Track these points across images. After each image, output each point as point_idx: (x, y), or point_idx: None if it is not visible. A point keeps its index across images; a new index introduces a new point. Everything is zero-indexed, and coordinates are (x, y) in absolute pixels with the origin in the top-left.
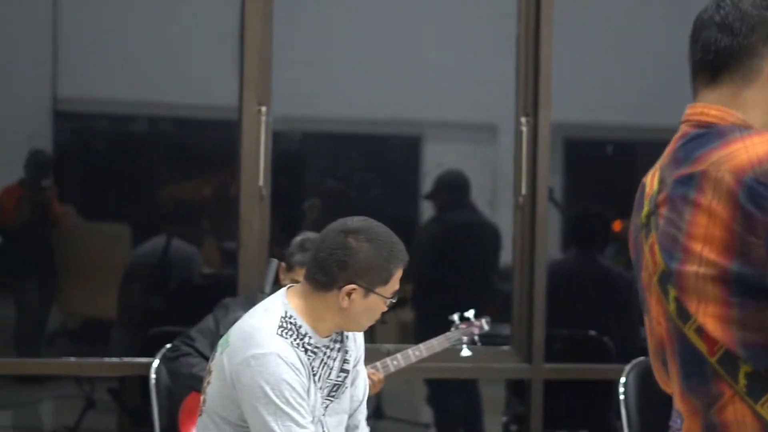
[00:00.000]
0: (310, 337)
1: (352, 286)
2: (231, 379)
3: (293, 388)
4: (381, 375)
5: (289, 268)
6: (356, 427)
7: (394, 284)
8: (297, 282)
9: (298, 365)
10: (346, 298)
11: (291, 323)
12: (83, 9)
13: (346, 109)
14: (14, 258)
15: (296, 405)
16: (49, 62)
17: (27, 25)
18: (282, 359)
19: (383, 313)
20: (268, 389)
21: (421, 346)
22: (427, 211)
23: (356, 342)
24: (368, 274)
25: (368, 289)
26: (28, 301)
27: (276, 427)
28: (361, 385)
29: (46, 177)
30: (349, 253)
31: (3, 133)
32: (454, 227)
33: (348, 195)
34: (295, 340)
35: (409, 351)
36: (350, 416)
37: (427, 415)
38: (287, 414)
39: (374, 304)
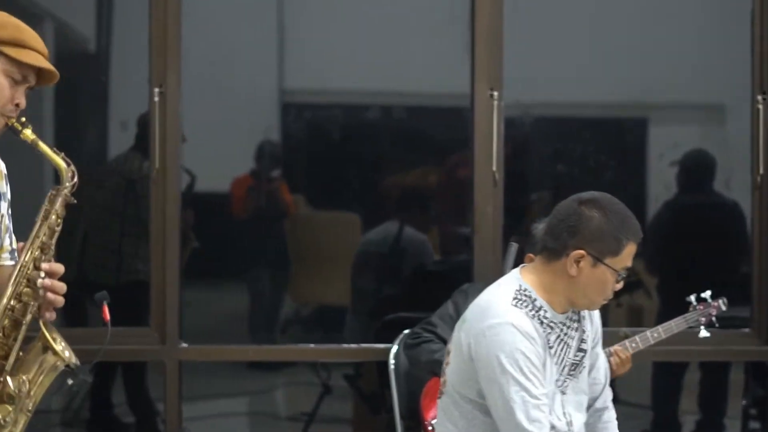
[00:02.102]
0: (545, 311)
1: (581, 252)
2: (468, 354)
3: (528, 358)
4: (629, 353)
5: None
6: (605, 408)
7: (625, 259)
8: None
9: (534, 334)
10: (575, 265)
11: (526, 295)
12: (306, 3)
13: (576, 93)
14: (246, 247)
15: (530, 375)
16: (275, 56)
17: (253, 20)
18: (516, 328)
19: (617, 295)
20: (503, 358)
21: (659, 328)
22: (659, 193)
23: (593, 323)
24: (598, 243)
25: (597, 259)
26: (261, 289)
27: (510, 396)
28: (602, 367)
29: (276, 168)
30: (580, 219)
31: (233, 126)
32: (690, 208)
33: (579, 179)
34: (530, 311)
35: (648, 333)
36: (596, 399)
37: (660, 398)
38: (520, 383)
39: (603, 276)
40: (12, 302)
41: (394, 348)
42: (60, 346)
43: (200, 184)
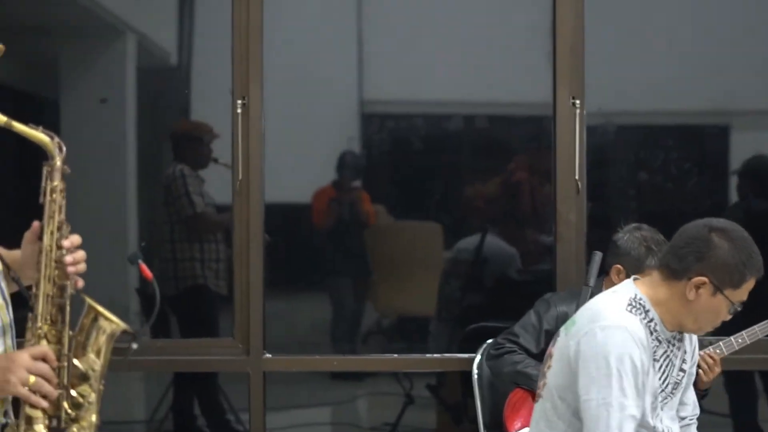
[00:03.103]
0: (656, 324)
1: (703, 279)
2: (574, 353)
3: (635, 365)
4: (717, 357)
5: (639, 272)
6: (684, 403)
7: (743, 293)
8: None
9: (644, 342)
10: (694, 290)
11: (640, 304)
12: (386, 14)
13: (658, 101)
14: (328, 258)
15: (633, 382)
16: (355, 66)
17: (333, 31)
18: (629, 333)
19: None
20: (612, 360)
21: (744, 333)
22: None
23: (692, 344)
24: (722, 272)
25: (717, 288)
26: (342, 299)
27: (608, 399)
28: (691, 390)
29: (357, 178)
30: (709, 246)
31: (315, 137)
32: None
33: (661, 186)
34: (643, 319)
35: (732, 339)
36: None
37: (739, 405)
38: (623, 389)
39: (718, 306)
40: (49, 288)
41: (478, 358)
42: (109, 313)
43: (282, 195)
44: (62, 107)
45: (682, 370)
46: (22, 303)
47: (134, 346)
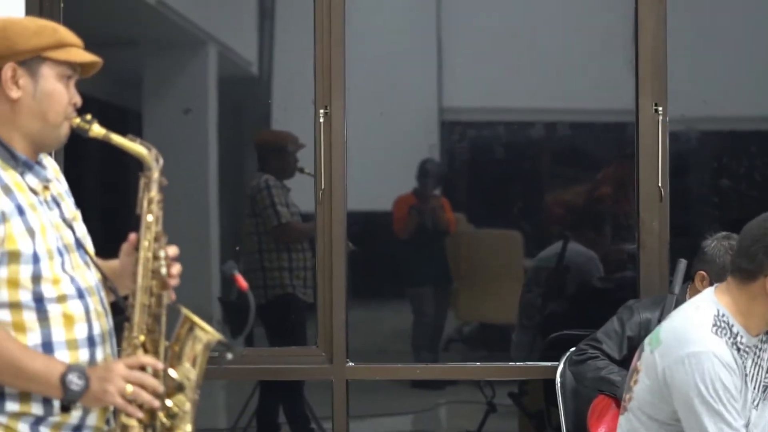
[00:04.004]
0: (741, 336)
1: None
2: (663, 377)
3: (727, 388)
4: None
5: (722, 280)
6: None
7: None
8: None
9: (733, 365)
10: None
11: (724, 321)
12: (466, 22)
13: (741, 107)
14: (409, 266)
15: (729, 406)
16: (435, 75)
17: (413, 40)
18: (717, 358)
19: None
20: (702, 388)
21: None
22: None
23: None
24: None
25: None
26: (424, 307)
27: (709, 427)
28: None
29: (438, 186)
30: None
31: (396, 145)
32: None
33: (745, 193)
34: (729, 339)
35: None
36: None
37: None
38: (720, 414)
39: None
40: (145, 298)
41: (561, 366)
42: (204, 323)
43: (364, 204)
44: (145, 118)
45: None
46: (117, 312)
47: (229, 356)
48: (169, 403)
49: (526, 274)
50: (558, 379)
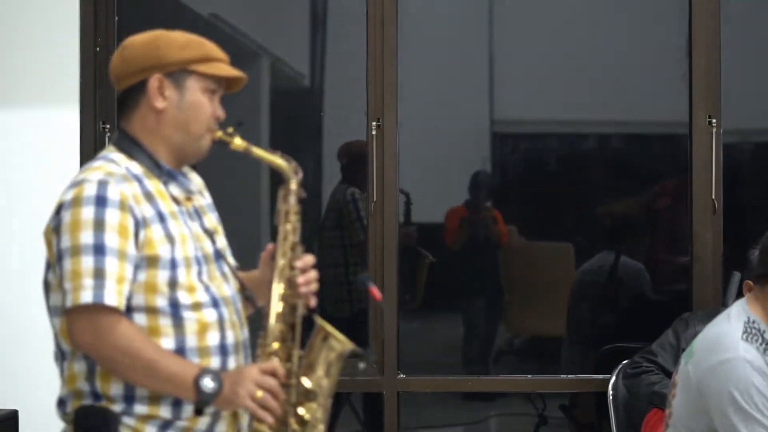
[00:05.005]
0: None
1: None
2: (698, 388)
3: (762, 394)
4: None
5: None
6: None
7: None
8: None
9: (765, 370)
10: None
11: (755, 328)
12: (518, 33)
13: None
14: (460, 278)
15: (766, 411)
16: (486, 87)
17: (465, 51)
18: (749, 363)
19: None
20: (737, 395)
21: None
22: None
23: None
24: None
25: None
26: (475, 319)
27: None
28: None
29: (489, 198)
30: None
31: (447, 157)
32: None
33: None
34: (761, 345)
35: None
36: None
37: None
38: (757, 420)
39: None
40: (280, 306)
41: (613, 379)
42: (338, 333)
43: (415, 215)
44: None
45: None
46: (253, 321)
47: (361, 365)
48: (301, 410)
49: (578, 287)
50: (610, 392)
